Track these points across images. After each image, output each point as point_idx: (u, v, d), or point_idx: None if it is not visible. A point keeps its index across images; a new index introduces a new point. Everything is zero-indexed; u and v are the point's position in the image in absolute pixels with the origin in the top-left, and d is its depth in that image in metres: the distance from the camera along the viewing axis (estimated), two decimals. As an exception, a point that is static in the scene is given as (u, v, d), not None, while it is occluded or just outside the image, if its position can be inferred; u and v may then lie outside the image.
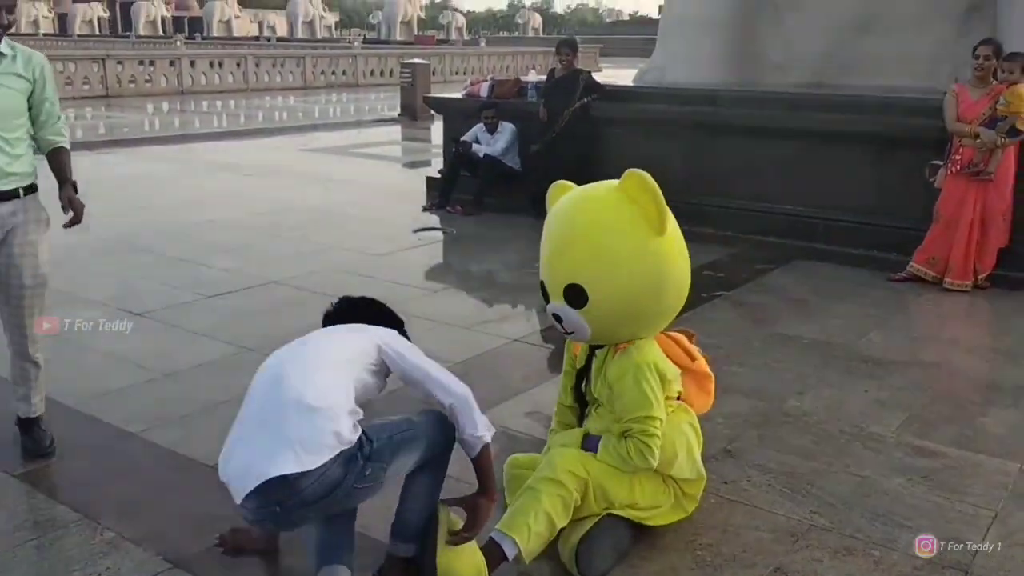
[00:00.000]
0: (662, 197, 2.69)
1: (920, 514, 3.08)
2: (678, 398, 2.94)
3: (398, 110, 18.22)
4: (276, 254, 6.76)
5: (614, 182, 2.78)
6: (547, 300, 2.82)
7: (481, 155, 8.40)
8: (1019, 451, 3.57)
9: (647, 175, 2.69)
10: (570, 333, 2.81)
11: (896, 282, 6.02)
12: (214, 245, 6.95)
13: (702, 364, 3.10)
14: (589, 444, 2.83)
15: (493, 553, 2.59)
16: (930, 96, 6.44)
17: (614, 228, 2.70)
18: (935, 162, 5.94)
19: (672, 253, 2.76)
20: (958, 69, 6.98)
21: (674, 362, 2.89)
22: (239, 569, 2.72)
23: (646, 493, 2.80)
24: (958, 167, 5.77)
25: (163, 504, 3.07)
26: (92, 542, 2.86)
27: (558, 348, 4.82)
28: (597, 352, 2.89)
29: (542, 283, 2.83)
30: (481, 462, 2.61)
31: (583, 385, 2.99)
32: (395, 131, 16.31)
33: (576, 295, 2.70)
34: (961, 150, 5.76)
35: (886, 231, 6.68)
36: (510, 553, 2.59)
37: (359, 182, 10.34)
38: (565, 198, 2.90)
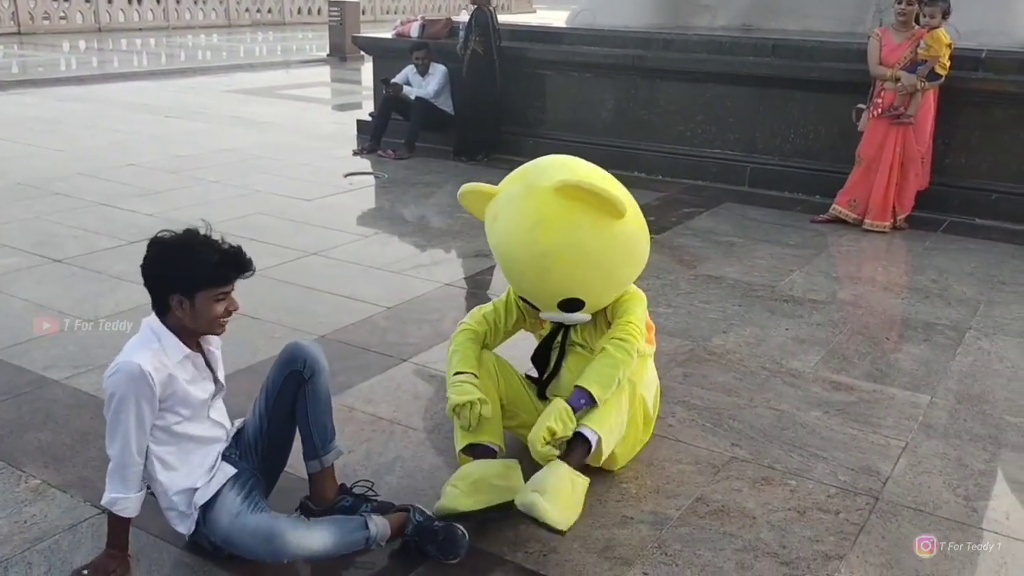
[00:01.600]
0: (608, 187, 2.67)
1: (835, 446, 3.21)
2: None
3: (327, 50, 17.79)
4: (201, 199, 6.60)
5: (545, 183, 2.66)
6: (535, 308, 2.92)
7: (412, 97, 8.29)
8: (930, 384, 3.74)
9: (583, 181, 2.62)
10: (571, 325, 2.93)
11: (818, 224, 6.18)
12: (135, 189, 6.76)
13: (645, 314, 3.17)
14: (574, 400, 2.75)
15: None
16: (855, 41, 6.56)
17: (580, 239, 2.67)
18: (860, 106, 6.06)
19: (635, 222, 2.81)
20: (883, 13, 7.12)
21: None
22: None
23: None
24: (879, 110, 5.90)
25: (88, 450, 3.03)
26: (16, 489, 2.81)
27: (490, 292, 4.85)
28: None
29: (521, 297, 2.95)
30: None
31: (561, 334, 3.00)
32: (324, 72, 15.95)
33: (571, 304, 2.80)
34: (882, 93, 5.89)
35: (811, 174, 6.84)
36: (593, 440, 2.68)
37: (287, 125, 10.12)
38: (510, 218, 2.75)
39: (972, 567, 2.58)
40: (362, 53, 13.22)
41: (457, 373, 2.85)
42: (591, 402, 2.69)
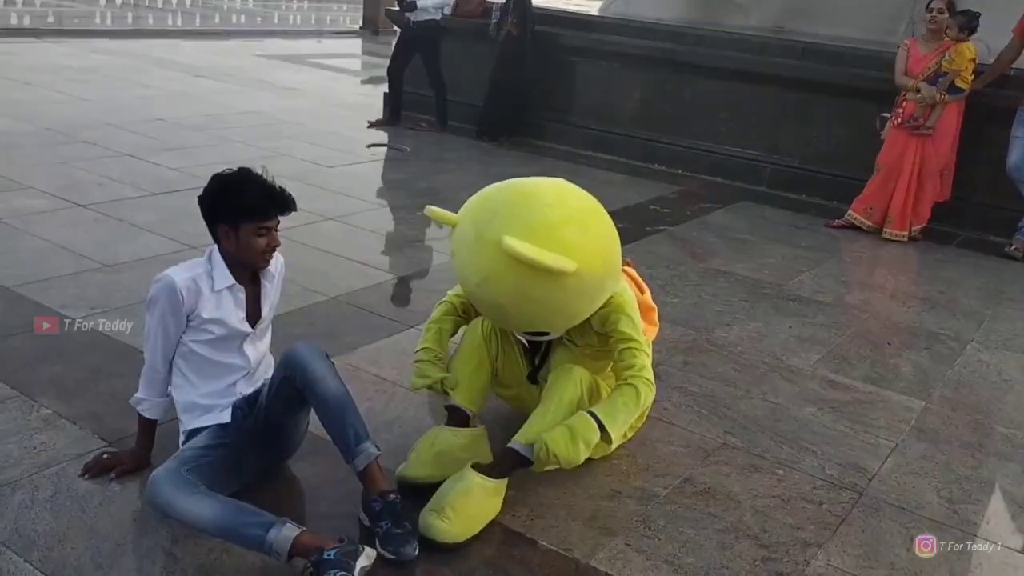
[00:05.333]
0: (543, 257, 2.44)
1: (825, 440, 3.27)
2: None
3: (360, 23, 17.84)
4: (225, 157, 6.66)
5: (492, 236, 2.50)
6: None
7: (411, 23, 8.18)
8: (926, 390, 3.79)
9: (517, 251, 2.42)
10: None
11: (833, 228, 6.21)
12: (162, 144, 6.86)
13: (649, 296, 3.21)
14: None
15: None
16: (885, 49, 6.57)
17: (528, 292, 2.55)
18: (884, 115, 6.09)
19: (591, 269, 2.59)
20: (916, 24, 7.11)
21: None
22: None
23: None
24: (899, 120, 5.92)
25: (99, 386, 3.13)
26: (28, 417, 2.91)
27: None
28: None
29: None
30: None
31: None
32: (355, 44, 16.01)
33: (538, 333, 2.82)
34: (904, 103, 5.91)
35: (830, 179, 6.86)
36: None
37: (315, 93, 10.20)
38: (464, 267, 2.68)
39: (947, 566, 2.64)
40: (395, 28, 13.25)
41: (418, 351, 2.94)
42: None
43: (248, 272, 2.64)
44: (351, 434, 2.47)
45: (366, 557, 2.27)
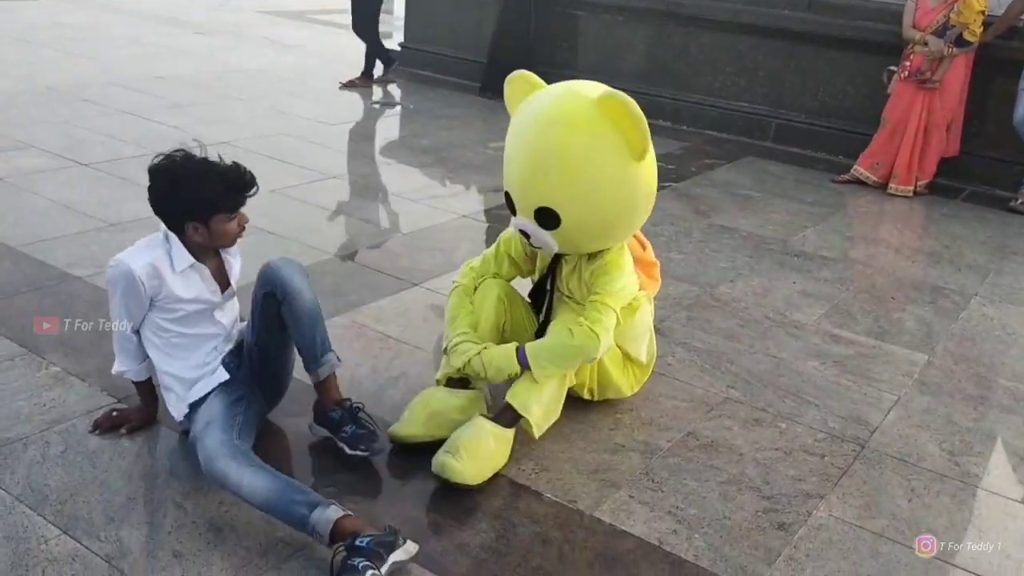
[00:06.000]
0: (645, 123, 2.52)
1: (827, 394, 3.29)
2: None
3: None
4: (227, 116, 6.66)
5: (590, 93, 2.57)
6: (513, 212, 2.74)
7: None
8: (929, 345, 3.80)
9: (630, 102, 2.48)
10: (536, 247, 2.78)
11: (839, 184, 6.18)
12: (163, 101, 6.82)
13: (651, 252, 3.20)
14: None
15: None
16: (893, 2, 6.47)
17: (593, 156, 2.55)
18: (891, 68, 6.02)
19: (648, 175, 2.68)
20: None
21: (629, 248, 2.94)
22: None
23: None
24: (906, 73, 5.86)
25: (106, 344, 3.11)
26: (37, 375, 2.94)
27: (503, 224, 4.92)
28: (567, 257, 2.86)
29: (507, 194, 2.74)
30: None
31: (549, 281, 2.94)
32: None
33: (548, 218, 2.63)
34: (912, 56, 5.84)
35: (837, 134, 6.81)
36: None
37: (318, 50, 10.10)
38: (538, 109, 2.67)
39: (948, 515, 2.67)
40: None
41: (458, 334, 2.83)
42: (526, 366, 2.68)
43: (208, 252, 2.57)
44: (319, 343, 2.62)
45: (404, 552, 2.19)
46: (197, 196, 2.41)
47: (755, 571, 2.36)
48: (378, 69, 8.21)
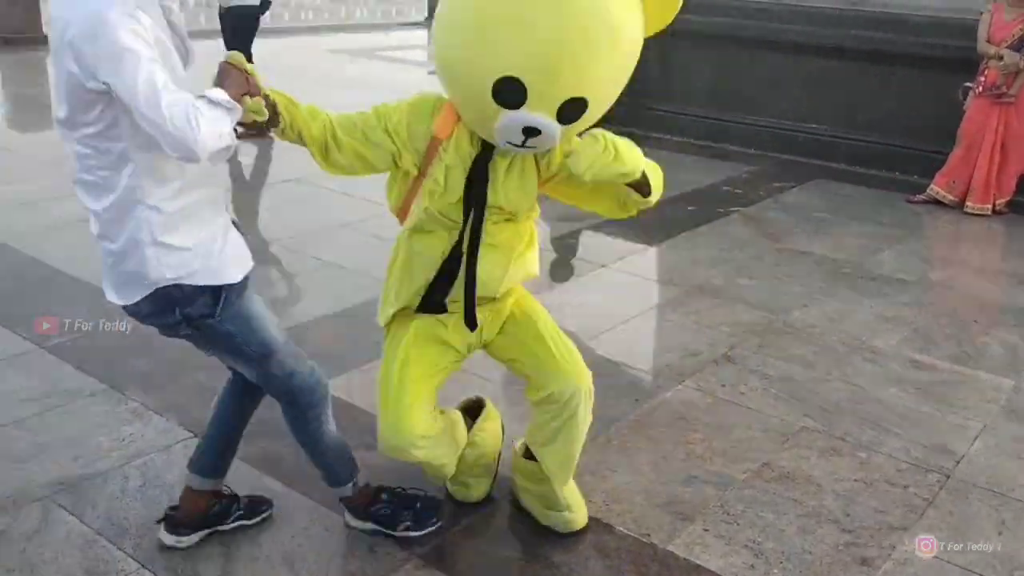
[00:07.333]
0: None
1: (910, 423, 3.18)
2: None
3: (425, 12, 17.93)
4: (298, 149, 6.78)
5: None
6: (512, 105, 2.00)
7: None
8: (1016, 369, 3.65)
9: None
10: (529, 147, 2.09)
11: (914, 204, 6.01)
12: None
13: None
14: None
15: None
16: (968, 16, 6.31)
17: (635, 36, 2.11)
18: (967, 84, 5.85)
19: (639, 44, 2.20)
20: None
21: None
22: (255, 441, 2.86)
23: None
24: (981, 88, 5.70)
25: (183, 379, 3.22)
26: (118, 410, 3.03)
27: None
28: (498, 157, 2.20)
29: (514, 81, 1.96)
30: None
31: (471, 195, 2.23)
32: (421, 35, 16.09)
33: (574, 110, 2.06)
34: (987, 71, 5.68)
35: (910, 153, 6.64)
36: None
37: (384, 85, 10.29)
38: None
39: (1043, 551, 2.54)
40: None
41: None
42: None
43: None
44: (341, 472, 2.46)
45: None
46: None
47: (837, 608, 2.28)
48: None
